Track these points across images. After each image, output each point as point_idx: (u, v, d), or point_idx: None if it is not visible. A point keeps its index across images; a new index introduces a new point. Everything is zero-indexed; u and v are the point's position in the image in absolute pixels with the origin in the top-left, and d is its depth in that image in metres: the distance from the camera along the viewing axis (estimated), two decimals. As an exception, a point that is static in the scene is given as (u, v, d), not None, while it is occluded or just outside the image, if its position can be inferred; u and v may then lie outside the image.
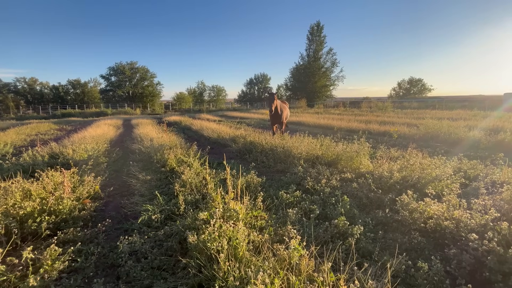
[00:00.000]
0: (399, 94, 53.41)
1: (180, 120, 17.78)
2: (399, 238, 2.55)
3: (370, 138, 8.33)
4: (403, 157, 4.90)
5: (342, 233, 2.55)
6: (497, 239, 2.11)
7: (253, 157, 6.11)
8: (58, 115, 31.58)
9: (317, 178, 4.21)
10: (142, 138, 8.31)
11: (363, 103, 30.70)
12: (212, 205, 2.80)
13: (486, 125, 9.75)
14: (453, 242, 2.42)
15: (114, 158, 6.57)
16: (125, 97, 45.06)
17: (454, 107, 22.59)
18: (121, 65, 44.65)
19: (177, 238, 2.57)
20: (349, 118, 15.03)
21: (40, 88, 43.38)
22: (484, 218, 2.39)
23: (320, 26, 44.46)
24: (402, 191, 3.40)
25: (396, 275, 2.06)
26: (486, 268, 2.02)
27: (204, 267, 1.99)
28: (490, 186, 3.59)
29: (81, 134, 9.65)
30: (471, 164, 4.71)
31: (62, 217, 3.04)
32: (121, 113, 34.70)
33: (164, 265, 2.28)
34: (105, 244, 2.66)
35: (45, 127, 15.36)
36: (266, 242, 2.25)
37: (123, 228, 3.07)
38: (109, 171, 5.32)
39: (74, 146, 6.46)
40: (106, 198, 4.03)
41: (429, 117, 14.50)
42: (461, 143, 7.61)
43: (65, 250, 2.33)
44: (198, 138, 10.24)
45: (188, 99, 48.80)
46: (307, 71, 44.79)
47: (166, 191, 4.05)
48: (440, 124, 9.28)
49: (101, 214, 3.50)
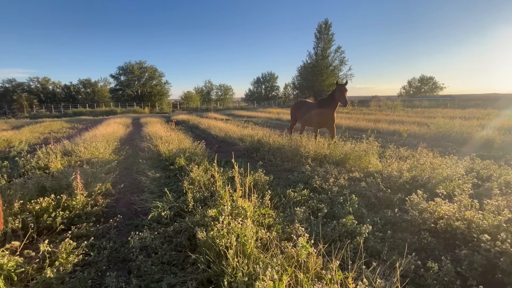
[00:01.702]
0: (409, 92, 52.43)
1: (188, 119, 17.95)
2: (408, 238, 2.52)
3: (379, 137, 8.22)
4: (413, 156, 4.83)
5: (350, 232, 2.54)
6: (510, 240, 2.06)
7: (261, 156, 6.12)
8: (70, 114, 32.35)
9: (324, 177, 4.19)
10: (151, 136, 8.44)
11: (372, 102, 30.27)
12: (220, 202, 2.83)
13: (500, 124, 9.47)
14: (464, 243, 2.38)
15: (124, 156, 6.70)
16: (134, 96, 45.78)
17: (466, 106, 22.01)
18: (130, 65, 45.40)
19: (186, 235, 2.61)
20: (358, 117, 14.86)
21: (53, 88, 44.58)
22: (497, 219, 2.34)
23: (328, 24, 44.04)
24: (411, 190, 3.35)
25: (405, 274, 2.04)
26: (499, 269, 1.98)
27: (213, 263, 2.03)
28: (504, 186, 3.49)
29: (92, 132, 9.87)
30: (484, 164, 4.59)
31: (75, 213, 3.14)
32: (130, 112, 35.27)
33: (174, 261, 2.33)
34: (117, 239, 2.73)
35: (58, 126, 15.77)
36: (274, 239, 2.26)
37: (134, 224, 3.14)
38: (119, 169, 5.43)
39: (85, 144, 6.62)
40: (117, 194, 4.12)
41: (441, 116, 14.16)
42: (474, 142, 7.42)
43: (79, 244, 2.41)
44: (206, 136, 10.32)
45: (195, 98, 49.21)
46: (315, 70, 44.46)
47: (175, 189, 4.11)
48: (452, 123, 9.06)
49: (113, 210, 3.58)
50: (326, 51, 44.87)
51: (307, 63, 46.76)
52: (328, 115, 6.05)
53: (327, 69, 44.54)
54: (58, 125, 16.24)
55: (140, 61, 46.21)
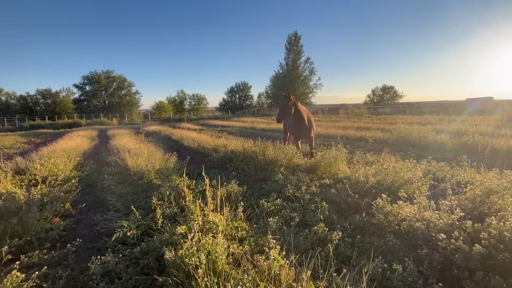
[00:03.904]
0: (373, 100, 56.15)
1: (159, 129, 17.33)
2: (375, 242, 2.63)
3: (348, 143, 8.63)
4: (378, 161, 5.12)
5: (321, 240, 2.59)
6: (462, 237, 2.24)
7: (235, 166, 6.07)
8: (26, 127, 29.51)
9: (297, 185, 4.26)
10: (119, 149, 7.97)
11: (340, 110, 31.86)
12: (191, 218, 2.73)
13: (451, 129, 10.53)
14: (424, 242, 2.54)
15: (87, 172, 6.23)
16: (101, 106, 43.30)
17: (423, 112, 24.08)
18: (96, 74, 43.11)
19: (154, 255, 2.46)
20: (328, 124, 15.50)
21: (6, 98, 40.64)
22: (451, 217, 2.54)
23: (298, 36, 46.09)
24: (377, 194, 3.52)
25: (373, 278, 2.11)
26: (455, 265, 2.13)
27: (181, 285, 1.92)
28: (456, 186, 3.83)
29: (51, 147, 9.08)
30: (439, 166, 5.02)
31: (26, 239, 2.81)
32: (97, 123, 33.14)
33: (140, 285, 2.16)
34: (75, 266, 2.48)
35: (11, 141, 14.27)
36: (246, 253, 2.22)
37: (96, 247, 2.89)
38: (81, 186, 5.02)
39: (42, 161, 6.04)
40: (78, 215, 3.79)
41: (401, 122, 15.34)
42: (430, 146, 8.12)
43: (29, 275, 2.15)
44: (178, 148, 10.02)
45: (168, 108, 47.88)
46: (287, 79, 45.94)
47: (144, 205, 3.89)
48: (411, 129, 9.85)
49: (72, 233, 3.28)
50: (296, 61, 46.73)
51: (279, 73, 48.23)
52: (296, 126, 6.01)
53: (298, 79, 46.28)
54: (11, 139, 14.69)
55: (108, 70, 44.22)
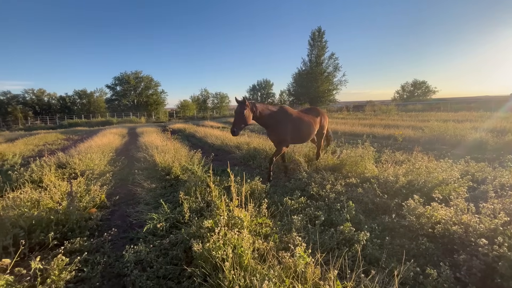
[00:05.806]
0: (403, 96, 53.16)
1: (184, 127, 17.92)
2: (406, 244, 2.50)
3: (375, 142, 8.28)
4: (409, 160, 4.86)
5: (348, 240, 2.52)
6: (507, 244, 2.06)
7: (257, 163, 6.11)
8: (65, 125, 32.13)
9: (321, 183, 4.18)
10: (147, 146, 8.39)
11: (366, 107, 30.57)
12: (216, 212, 2.80)
13: (493, 126, 9.61)
14: (462, 247, 2.37)
15: (119, 167, 6.63)
16: (130, 106, 45.72)
17: (459, 109, 22.35)
18: (126, 75, 45.52)
19: (182, 247, 2.57)
20: (353, 122, 14.98)
21: (48, 99, 44.39)
22: (494, 222, 2.34)
23: (321, 31, 44.77)
24: (408, 195, 3.35)
25: (404, 282, 2.02)
26: (498, 274, 1.97)
27: (209, 276, 1.99)
28: (499, 189, 3.51)
29: (88, 143, 9.78)
30: (478, 167, 4.63)
31: (69, 227, 3.07)
32: (126, 121, 35.14)
33: (170, 274, 2.27)
34: (111, 254, 2.67)
35: (53, 137, 15.62)
36: (271, 249, 2.23)
37: (129, 237, 3.08)
38: (115, 180, 5.37)
39: (80, 156, 6.54)
40: (112, 207, 4.06)
41: (434, 119, 14.34)
42: (468, 145, 7.49)
43: (72, 260, 2.35)
44: (202, 145, 10.29)
45: (192, 107, 49.27)
46: (310, 76, 44.93)
47: (171, 199, 4.06)
48: (446, 126, 9.16)
49: (107, 223, 3.52)
50: (320, 58, 45.46)
51: (302, 70, 47.31)
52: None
53: (322, 75, 45.04)
54: (53, 136, 16.09)
55: (136, 71, 46.42)
